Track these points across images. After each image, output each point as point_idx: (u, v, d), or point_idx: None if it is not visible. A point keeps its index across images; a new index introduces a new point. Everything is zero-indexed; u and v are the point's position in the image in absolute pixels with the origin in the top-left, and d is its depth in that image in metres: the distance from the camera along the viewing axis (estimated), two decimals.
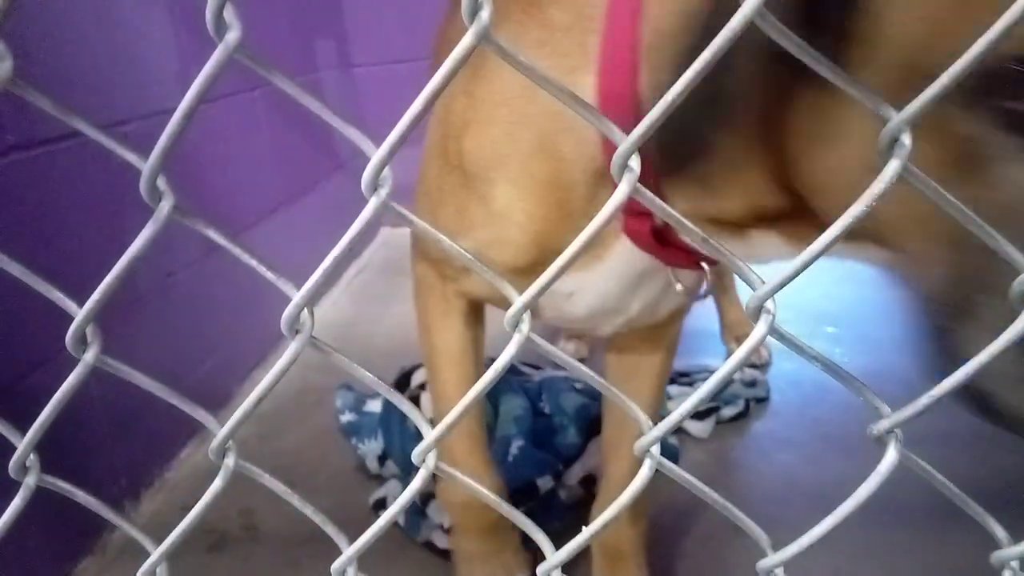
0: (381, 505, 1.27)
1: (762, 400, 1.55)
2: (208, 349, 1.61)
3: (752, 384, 1.57)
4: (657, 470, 0.37)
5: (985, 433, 1.31)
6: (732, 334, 1.78)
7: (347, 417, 1.49)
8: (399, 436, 1.36)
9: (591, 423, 1.33)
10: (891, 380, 1.54)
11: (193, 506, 0.42)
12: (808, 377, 1.59)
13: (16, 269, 0.37)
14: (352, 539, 0.42)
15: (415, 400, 1.43)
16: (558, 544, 0.40)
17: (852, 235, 0.38)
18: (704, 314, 1.90)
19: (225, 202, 1.74)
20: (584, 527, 0.41)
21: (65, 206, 1.23)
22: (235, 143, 1.79)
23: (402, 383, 1.49)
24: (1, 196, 1.11)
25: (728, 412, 1.49)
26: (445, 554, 1.15)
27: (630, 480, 0.38)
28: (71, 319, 0.39)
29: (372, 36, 2.56)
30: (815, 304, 1.86)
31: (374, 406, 1.48)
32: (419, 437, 0.39)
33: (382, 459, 1.37)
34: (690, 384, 1.59)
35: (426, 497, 1.20)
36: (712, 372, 1.61)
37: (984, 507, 0.39)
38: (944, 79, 0.29)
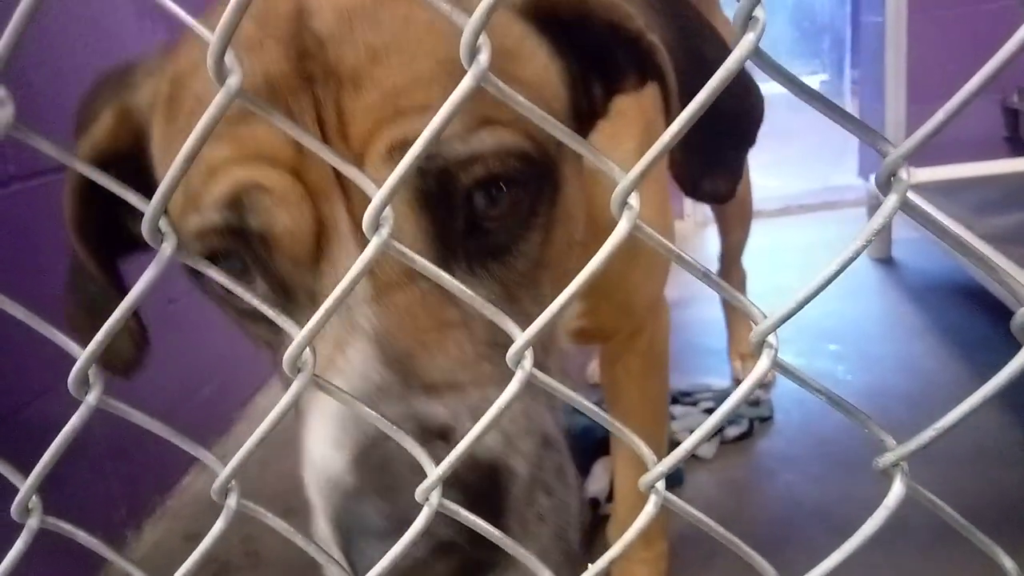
0: None
1: (766, 419, 1.54)
2: (209, 375, 1.60)
3: (756, 404, 1.56)
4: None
5: (990, 452, 1.32)
6: (737, 351, 1.78)
7: None
8: None
9: (596, 445, 1.32)
10: (894, 398, 1.55)
11: (195, 534, 0.42)
12: (812, 396, 1.57)
13: (20, 312, 0.37)
14: (348, 572, 0.42)
15: None
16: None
17: None
18: (707, 332, 1.90)
19: None
20: (587, 550, 0.40)
21: (67, 236, 1.23)
22: None
23: None
24: (2, 226, 1.11)
25: (732, 432, 1.49)
26: None
27: (639, 501, 0.37)
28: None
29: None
30: (818, 322, 1.86)
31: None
32: None
33: None
34: (693, 404, 1.59)
35: None
36: (713, 391, 1.60)
37: (988, 526, 0.38)
38: (941, 115, 0.29)
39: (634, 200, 0.33)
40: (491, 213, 0.49)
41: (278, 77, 0.46)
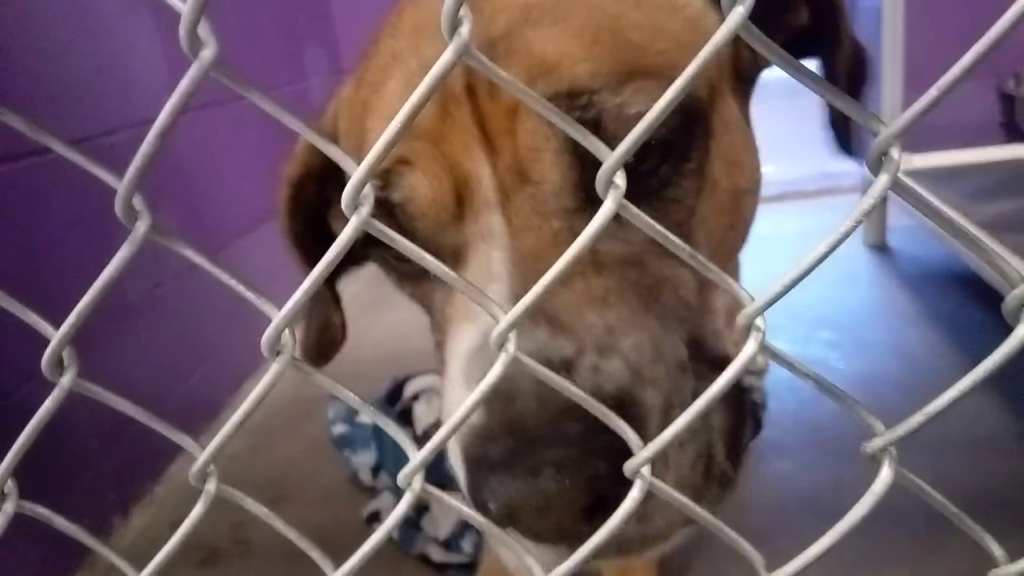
0: (375, 518, 1.26)
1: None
2: (197, 360, 1.59)
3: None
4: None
5: (981, 439, 1.31)
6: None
7: (339, 429, 1.48)
8: (392, 448, 1.35)
9: None
10: (887, 384, 1.55)
11: (183, 522, 0.41)
12: (805, 384, 1.58)
13: None
14: (344, 554, 0.41)
15: (408, 412, 1.42)
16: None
17: None
18: None
19: (213, 211, 1.73)
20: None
21: (51, 218, 1.22)
22: (224, 151, 1.78)
23: (394, 394, 1.48)
24: None
25: None
26: (440, 568, 1.14)
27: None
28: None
29: (362, 43, 2.55)
30: (811, 309, 1.86)
31: (366, 417, 1.47)
32: None
33: (375, 470, 1.36)
34: None
35: (420, 510, 1.19)
36: None
37: (980, 514, 0.38)
38: (934, 92, 0.28)
39: (620, 179, 0.32)
40: (641, 164, 0.50)
41: (432, 57, 0.50)
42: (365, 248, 0.58)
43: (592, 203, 0.49)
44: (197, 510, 0.39)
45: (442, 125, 0.49)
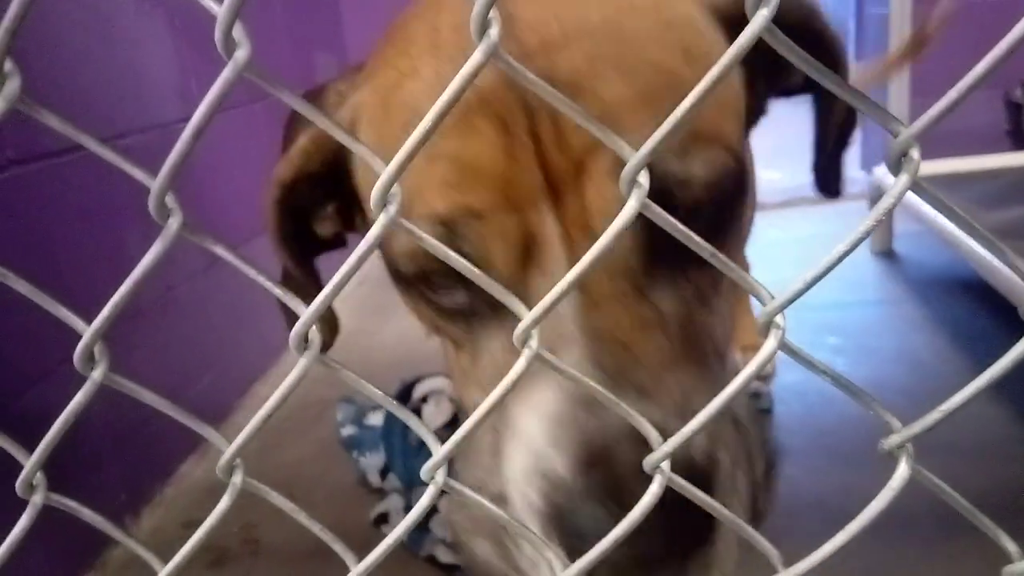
0: (382, 520, 1.26)
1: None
2: (208, 362, 1.60)
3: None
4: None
5: (990, 444, 1.31)
6: (738, 342, 1.77)
7: (348, 431, 1.48)
8: (401, 449, 1.35)
9: None
10: (893, 391, 1.55)
11: (193, 522, 0.42)
12: (812, 388, 1.59)
13: (24, 287, 0.37)
14: (352, 554, 0.42)
15: (416, 413, 1.43)
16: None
17: None
18: None
19: (226, 213, 1.75)
20: None
21: (65, 220, 1.23)
22: (237, 155, 1.79)
23: (403, 396, 1.49)
24: (1, 210, 1.11)
25: None
26: (449, 569, 1.14)
27: None
28: (69, 331, 0.38)
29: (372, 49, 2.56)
30: (818, 315, 1.86)
31: (375, 419, 1.48)
32: (422, 450, 0.39)
33: (383, 472, 1.37)
34: None
35: (429, 511, 1.20)
36: None
37: (991, 520, 0.38)
38: (953, 94, 0.29)
39: (643, 178, 0.33)
40: (694, 225, 0.49)
41: (487, 87, 0.46)
42: (398, 283, 0.57)
43: (656, 264, 0.50)
44: (224, 503, 0.39)
45: (507, 170, 0.47)
